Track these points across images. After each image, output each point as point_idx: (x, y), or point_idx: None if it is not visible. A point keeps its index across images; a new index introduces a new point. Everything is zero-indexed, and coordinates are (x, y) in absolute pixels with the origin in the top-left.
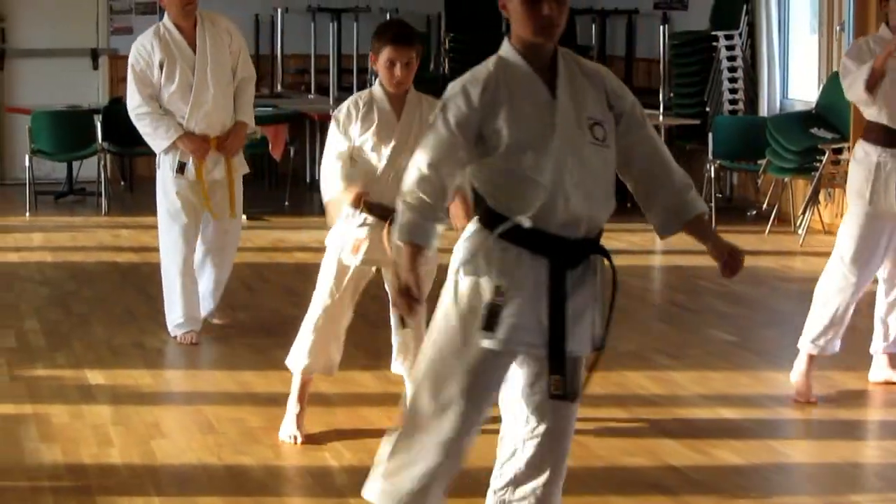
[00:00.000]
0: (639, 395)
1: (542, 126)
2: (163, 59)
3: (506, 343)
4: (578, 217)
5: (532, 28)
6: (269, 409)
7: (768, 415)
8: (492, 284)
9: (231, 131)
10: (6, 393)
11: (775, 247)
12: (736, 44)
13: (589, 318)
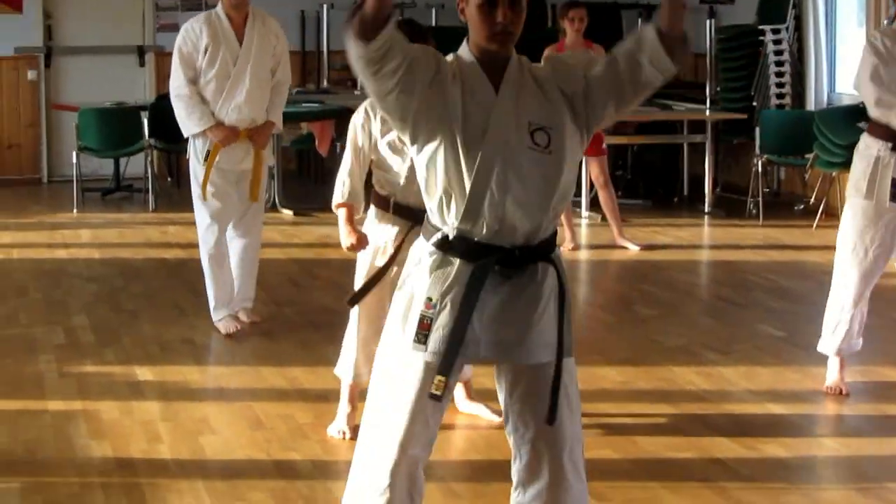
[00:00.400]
0: (687, 391)
1: (477, 126)
2: (208, 44)
3: (436, 354)
4: (510, 224)
5: (486, 34)
6: (317, 406)
7: (816, 410)
8: (423, 296)
9: (260, 127)
10: (56, 389)
11: (823, 241)
12: (783, 37)
13: (530, 327)
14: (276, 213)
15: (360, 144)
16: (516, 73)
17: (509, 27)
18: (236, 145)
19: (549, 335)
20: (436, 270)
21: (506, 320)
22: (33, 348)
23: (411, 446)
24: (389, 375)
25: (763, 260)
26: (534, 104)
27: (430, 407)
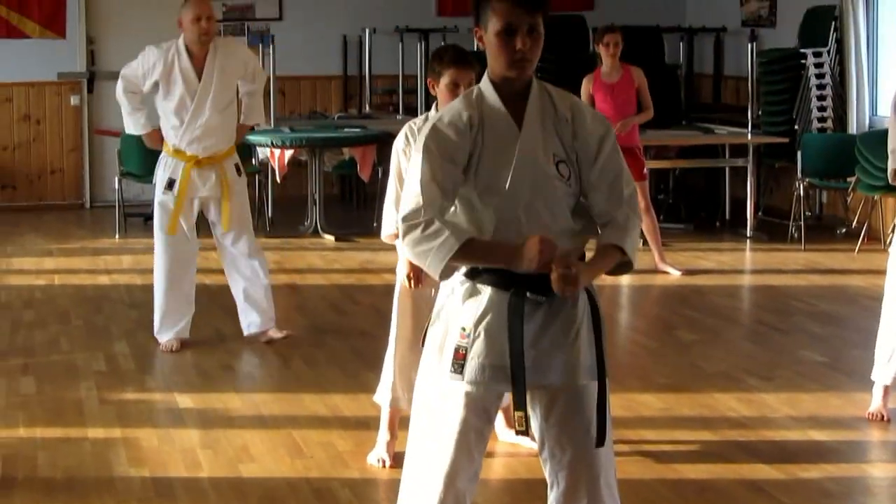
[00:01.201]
0: (728, 417)
1: (502, 160)
2: (158, 81)
3: (474, 384)
4: None
5: (505, 62)
6: (358, 433)
7: (859, 437)
8: (458, 326)
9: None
10: (96, 416)
11: (865, 265)
12: (824, 61)
13: (570, 350)
14: (317, 238)
15: (403, 170)
16: (538, 100)
17: (528, 54)
18: (197, 173)
19: (585, 357)
20: (468, 300)
21: (543, 345)
22: (74, 375)
23: (458, 479)
24: (430, 408)
25: (805, 284)
26: (557, 136)
27: (473, 439)
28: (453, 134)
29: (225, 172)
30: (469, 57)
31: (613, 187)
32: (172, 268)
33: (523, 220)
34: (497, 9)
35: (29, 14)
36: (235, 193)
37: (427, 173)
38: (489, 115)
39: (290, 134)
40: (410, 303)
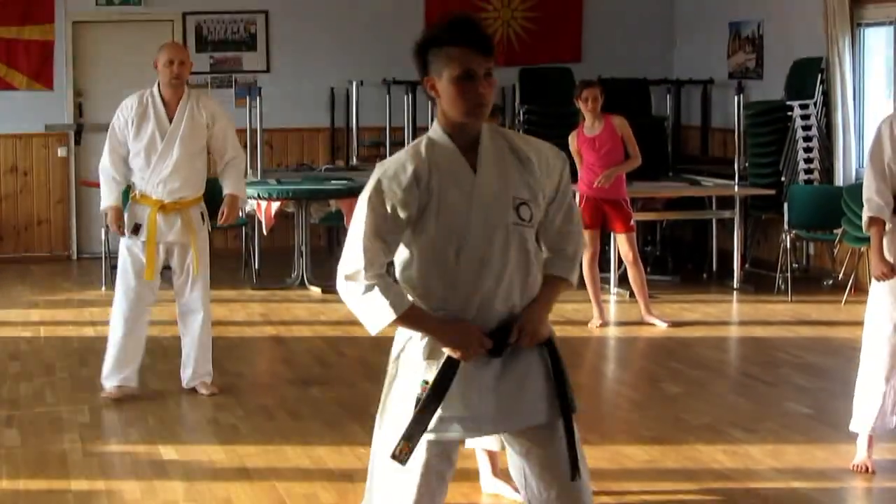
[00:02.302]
0: (712, 470)
1: (458, 209)
2: (135, 119)
3: (435, 433)
4: (495, 306)
5: (464, 109)
6: (341, 485)
7: (843, 489)
8: (419, 379)
9: (224, 204)
10: (79, 469)
11: (852, 317)
12: (811, 113)
13: (535, 391)
14: (304, 290)
15: None
16: (489, 143)
17: (486, 99)
18: (162, 218)
19: (549, 395)
20: (430, 357)
21: (504, 390)
22: (59, 427)
23: None
24: (392, 464)
25: (792, 336)
26: (515, 177)
27: (435, 482)
28: (397, 188)
29: (191, 219)
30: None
31: (567, 220)
32: (131, 314)
33: (482, 270)
34: (454, 55)
35: (17, 66)
36: (197, 243)
37: (370, 229)
38: (443, 163)
39: (276, 186)
40: None
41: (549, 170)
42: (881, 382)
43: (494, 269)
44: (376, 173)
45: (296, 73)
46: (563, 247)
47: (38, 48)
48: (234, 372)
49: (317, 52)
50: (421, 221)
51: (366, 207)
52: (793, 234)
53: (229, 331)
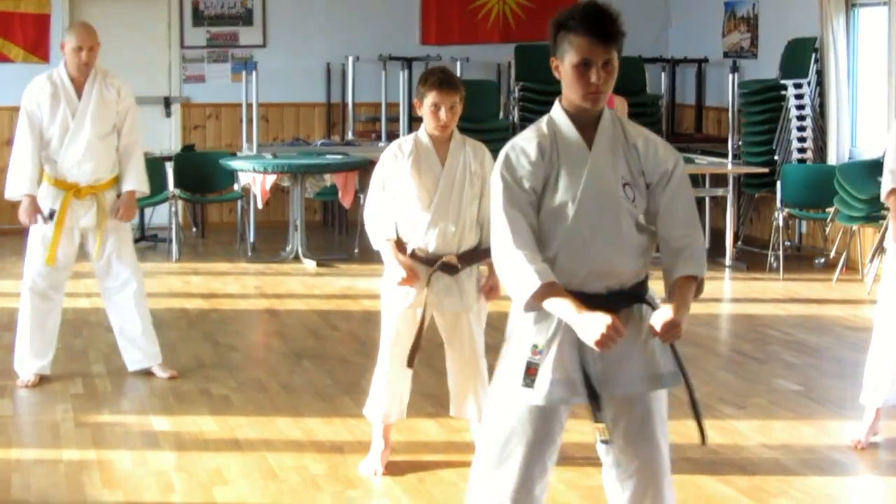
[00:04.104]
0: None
1: (575, 178)
2: (51, 104)
3: (546, 398)
4: (602, 269)
5: (580, 93)
6: (331, 456)
7: (830, 465)
8: (530, 344)
9: (121, 202)
10: (71, 439)
11: (843, 295)
12: (805, 92)
13: (635, 361)
14: (298, 263)
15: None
16: (610, 128)
17: (602, 87)
18: (77, 203)
19: (651, 367)
20: (540, 321)
21: (610, 358)
22: (52, 397)
23: (534, 487)
24: (504, 421)
25: (783, 314)
26: (625, 160)
27: (547, 448)
28: (525, 161)
29: (106, 203)
30: (454, 80)
31: (688, 212)
32: (39, 300)
33: (591, 235)
34: (575, 43)
35: (13, 39)
36: (113, 224)
37: (506, 201)
38: (562, 140)
39: (272, 160)
40: (397, 321)
41: (654, 160)
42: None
43: (605, 236)
44: (505, 149)
45: (292, 49)
46: (690, 241)
47: (34, 21)
48: (227, 344)
49: (313, 28)
50: (545, 191)
51: (500, 181)
52: (785, 213)
53: (223, 303)
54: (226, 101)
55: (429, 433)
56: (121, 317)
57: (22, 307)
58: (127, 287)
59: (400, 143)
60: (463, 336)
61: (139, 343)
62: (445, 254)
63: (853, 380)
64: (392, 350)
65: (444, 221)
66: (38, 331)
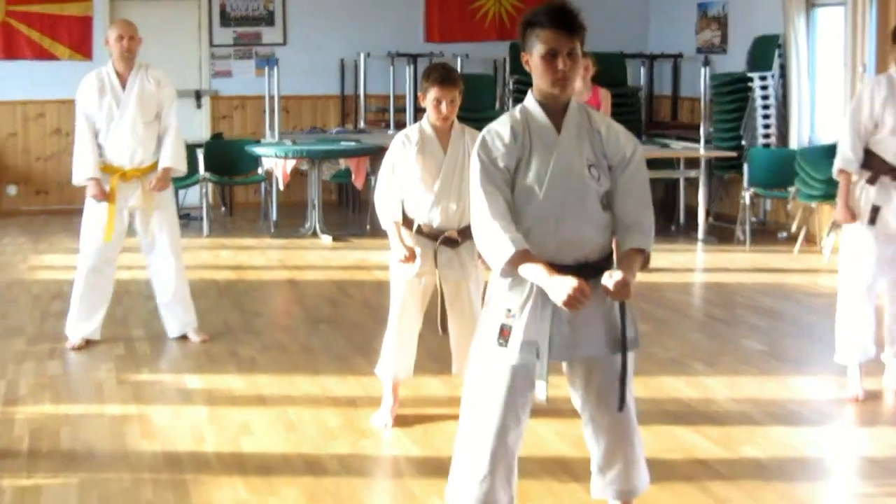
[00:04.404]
0: (675, 398)
1: (545, 160)
2: (98, 96)
3: (516, 357)
4: (571, 241)
5: (549, 80)
6: (346, 410)
7: (791, 416)
8: (504, 308)
9: (157, 175)
10: (114, 395)
11: (803, 265)
12: (769, 84)
13: (600, 325)
14: (316, 238)
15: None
16: (576, 115)
17: (569, 73)
18: (124, 185)
19: (615, 332)
20: (514, 288)
21: (577, 322)
22: (96, 358)
23: (508, 436)
24: (482, 377)
25: (749, 282)
26: (590, 144)
27: (519, 401)
28: (499, 143)
29: (148, 185)
30: (453, 76)
31: (642, 193)
32: (92, 273)
33: (558, 211)
34: (542, 36)
35: (59, 38)
36: (158, 205)
37: (483, 178)
38: (534, 125)
39: (292, 146)
40: (404, 290)
41: (616, 145)
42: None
43: (573, 213)
44: (482, 133)
45: (309, 46)
46: (641, 218)
47: (78, 23)
48: (252, 311)
49: (329, 27)
50: (518, 170)
51: (477, 161)
52: (751, 192)
53: (249, 275)
54: (250, 94)
55: (433, 390)
56: (163, 288)
57: (76, 279)
58: (169, 261)
59: (407, 132)
60: (463, 301)
61: (178, 312)
62: (447, 229)
63: (812, 340)
64: (400, 315)
65: (446, 201)
66: (89, 300)
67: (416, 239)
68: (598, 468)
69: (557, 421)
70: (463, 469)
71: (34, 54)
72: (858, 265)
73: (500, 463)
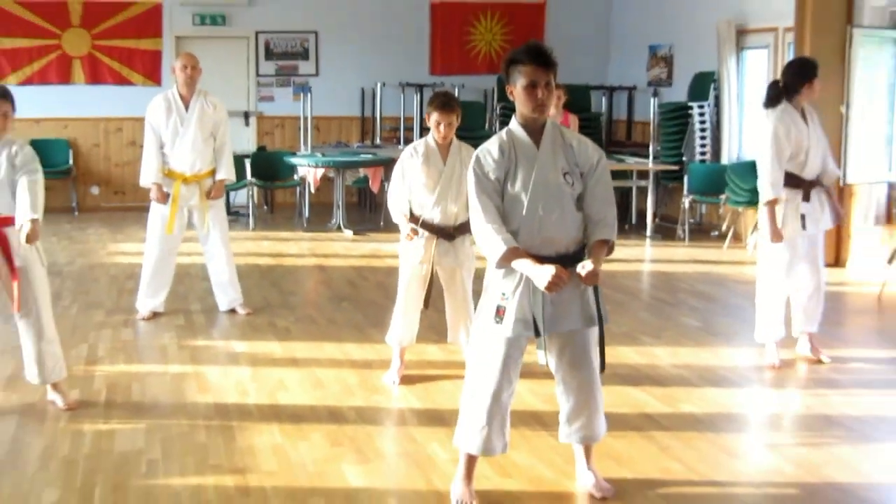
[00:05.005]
0: (627, 364)
1: (528, 173)
2: (165, 115)
3: (510, 331)
4: (551, 237)
5: (530, 107)
6: (363, 371)
7: (721, 380)
8: (499, 292)
9: (214, 185)
10: (175, 357)
11: (731, 258)
12: (706, 111)
13: (576, 305)
14: (339, 233)
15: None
16: (551, 133)
17: (546, 100)
18: (185, 188)
19: (587, 310)
20: (506, 276)
21: (558, 302)
22: (161, 328)
23: (502, 395)
24: (482, 348)
25: (688, 271)
26: (563, 156)
27: (512, 367)
28: (490, 160)
29: (205, 188)
30: (452, 102)
31: (605, 194)
32: (158, 259)
33: (542, 214)
34: (523, 71)
35: (134, 67)
36: (211, 205)
37: (477, 188)
38: (518, 144)
39: (321, 157)
40: (409, 274)
41: (585, 155)
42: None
43: (553, 214)
44: (476, 152)
45: (336, 77)
46: (606, 215)
47: (150, 55)
48: (288, 290)
49: (352, 62)
50: (507, 181)
51: (472, 175)
52: (690, 198)
53: (285, 261)
54: (288, 115)
55: (433, 355)
56: (216, 271)
57: (145, 263)
58: (221, 250)
59: (415, 146)
60: (457, 284)
61: (227, 290)
62: (446, 225)
63: (738, 319)
64: (406, 294)
65: (444, 202)
66: (156, 281)
67: (420, 232)
68: (566, 419)
69: (531, 381)
70: (467, 420)
71: (114, 80)
72: (776, 260)
73: (495, 416)
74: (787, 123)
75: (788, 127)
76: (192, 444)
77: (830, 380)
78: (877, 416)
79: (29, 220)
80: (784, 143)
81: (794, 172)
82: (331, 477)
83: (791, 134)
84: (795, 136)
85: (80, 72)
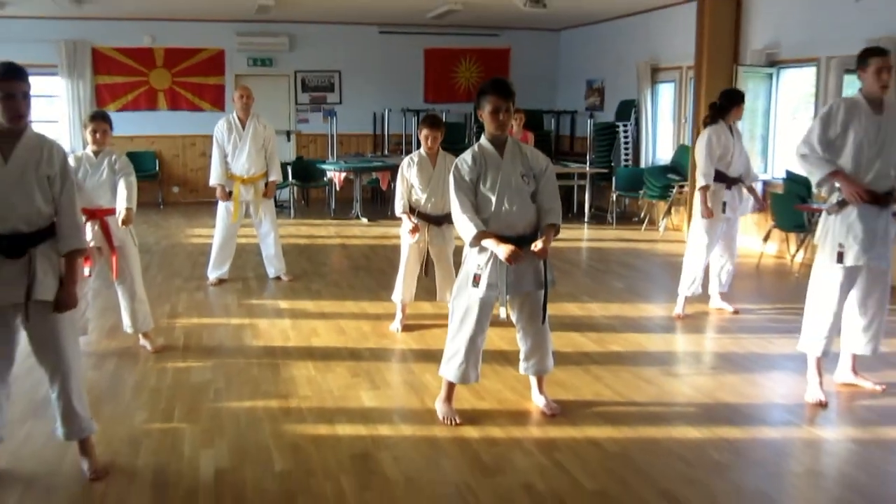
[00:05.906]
0: (570, 315)
1: (495, 176)
2: (227, 133)
3: (485, 293)
4: (513, 223)
5: (494, 127)
6: (375, 322)
7: (641, 327)
8: (475, 264)
9: (267, 187)
10: (235, 312)
11: (647, 237)
12: (629, 129)
13: (531, 273)
14: (358, 220)
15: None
16: (511, 146)
17: (506, 122)
18: (243, 187)
19: (539, 276)
20: (480, 253)
21: (518, 270)
22: (225, 290)
23: (477, 340)
24: (462, 306)
25: (616, 247)
26: (520, 162)
27: (483, 319)
28: (465, 166)
29: (259, 187)
30: (438, 122)
31: (552, 190)
32: (223, 239)
33: (507, 206)
34: (489, 99)
35: (204, 97)
36: (264, 200)
37: (456, 187)
38: (486, 154)
39: (344, 164)
40: (409, 251)
41: (536, 162)
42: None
43: (515, 207)
44: (456, 161)
45: (355, 104)
46: (553, 206)
47: (215, 88)
48: (319, 262)
49: (366, 94)
50: (479, 182)
51: (452, 178)
52: (617, 194)
53: (318, 241)
54: (319, 133)
55: (426, 310)
56: (266, 248)
57: (214, 243)
58: (270, 233)
59: (411, 157)
60: (443, 258)
61: (274, 262)
62: (435, 215)
63: (653, 283)
64: (406, 265)
65: (434, 198)
66: (221, 256)
67: (417, 219)
68: (524, 357)
69: (499, 329)
70: (449, 358)
71: (189, 107)
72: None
73: (471, 355)
74: (718, 133)
75: (719, 135)
76: (248, 376)
77: (721, 326)
78: (755, 354)
79: (125, 209)
80: (715, 145)
81: (721, 171)
82: (351, 399)
83: (721, 140)
84: (724, 142)
85: (163, 101)
